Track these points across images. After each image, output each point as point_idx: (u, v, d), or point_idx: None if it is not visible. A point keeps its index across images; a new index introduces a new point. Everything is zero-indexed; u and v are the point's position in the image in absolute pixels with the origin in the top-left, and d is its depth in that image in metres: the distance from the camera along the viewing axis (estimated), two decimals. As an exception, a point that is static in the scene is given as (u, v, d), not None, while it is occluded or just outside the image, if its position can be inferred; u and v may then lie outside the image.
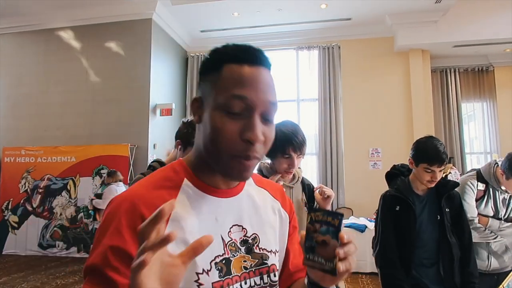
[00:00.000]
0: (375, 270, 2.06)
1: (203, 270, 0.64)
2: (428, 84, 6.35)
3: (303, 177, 1.86)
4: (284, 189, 1.72)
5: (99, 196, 4.96)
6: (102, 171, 5.56)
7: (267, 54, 0.70)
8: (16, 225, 5.81)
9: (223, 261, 0.67)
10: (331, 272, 0.57)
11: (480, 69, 6.77)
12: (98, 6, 5.81)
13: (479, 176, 2.22)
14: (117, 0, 5.65)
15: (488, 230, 2.11)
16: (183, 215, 0.65)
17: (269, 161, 1.86)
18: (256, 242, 0.73)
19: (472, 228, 2.05)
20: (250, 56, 0.67)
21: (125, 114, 5.75)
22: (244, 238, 0.72)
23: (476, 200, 2.17)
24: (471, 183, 2.19)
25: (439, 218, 1.87)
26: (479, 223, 2.13)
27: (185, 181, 0.69)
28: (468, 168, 6.33)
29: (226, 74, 0.65)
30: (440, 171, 1.82)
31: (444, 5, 5.56)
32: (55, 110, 6.06)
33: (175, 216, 0.63)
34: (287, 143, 1.66)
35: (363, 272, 4.77)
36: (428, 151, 1.83)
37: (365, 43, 6.48)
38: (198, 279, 0.63)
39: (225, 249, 0.68)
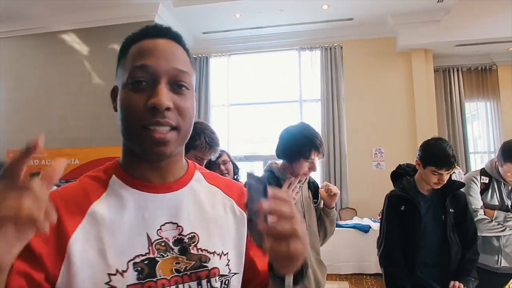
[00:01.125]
0: (380, 271, 2.06)
1: (117, 270, 0.58)
2: (431, 83, 6.33)
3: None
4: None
5: None
6: (105, 173, 5.57)
7: (170, 30, 0.69)
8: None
9: (145, 262, 0.60)
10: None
11: (483, 68, 6.74)
12: (100, 9, 5.83)
13: (483, 171, 2.26)
14: (119, 3, 5.67)
15: (495, 221, 2.10)
16: (104, 211, 0.61)
17: (279, 161, 1.86)
18: (194, 242, 0.65)
19: (476, 220, 2.04)
20: (149, 31, 0.67)
21: (128, 116, 5.75)
22: (179, 237, 0.64)
23: (481, 193, 2.19)
24: (475, 177, 2.23)
25: (443, 218, 1.86)
26: (485, 215, 2.12)
27: (113, 177, 0.67)
28: (472, 168, 6.31)
29: (130, 54, 0.66)
30: (448, 174, 1.81)
31: (447, 4, 5.54)
32: (58, 113, 6.08)
33: (93, 211, 0.61)
34: (311, 146, 1.66)
35: (368, 273, 4.76)
36: (436, 155, 1.82)
37: (367, 43, 6.47)
38: (110, 281, 0.57)
39: (150, 248, 0.61)
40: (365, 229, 4.90)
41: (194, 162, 0.77)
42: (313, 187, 1.90)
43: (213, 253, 0.67)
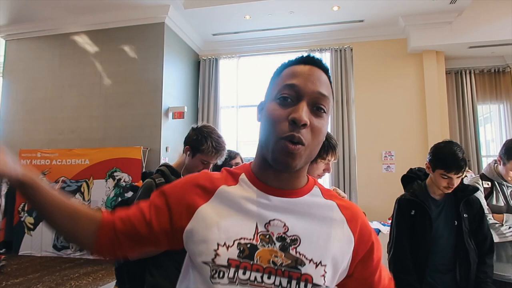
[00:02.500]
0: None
1: (224, 243, 0.69)
2: (443, 85, 6.25)
3: None
4: None
5: None
6: (115, 174, 5.63)
7: (320, 59, 0.78)
8: (31, 227, 5.91)
9: (248, 245, 0.69)
10: None
11: (496, 70, 6.63)
12: (112, 11, 5.90)
13: (483, 176, 2.25)
14: (131, 5, 5.72)
15: (506, 225, 2.06)
16: (228, 194, 0.75)
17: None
18: (295, 244, 0.71)
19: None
20: (304, 58, 0.75)
21: (138, 117, 5.81)
22: (283, 235, 0.71)
23: (485, 198, 2.16)
24: (477, 182, 2.21)
25: (456, 223, 1.82)
26: (494, 219, 2.09)
27: (243, 175, 0.79)
28: (485, 172, 6.19)
29: (283, 74, 0.75)
30: (458, 177, 1.77)
31: (459, 5, 5.47)
32: (70, 114, 6.16)
33: (220, 191, 0.76)
34: (330, 148, 1.64)
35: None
36: (445, 157, 1.78)
37: (378, 45, 6.42)
38: (217, 248, 0.69)
39: (255, 235, 0.70)
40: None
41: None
42: None
43: (310, 260, 0.70)
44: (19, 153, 6.11)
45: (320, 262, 0.71)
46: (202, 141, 1.72)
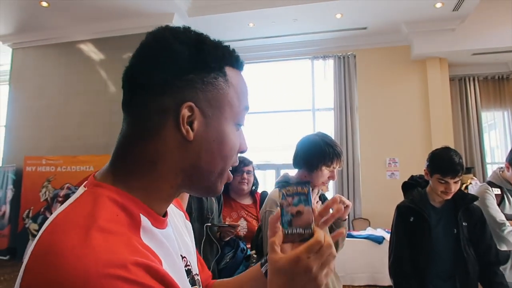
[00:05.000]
0: (394, 283, 2.02)
1: None
2: (447, 93, 6.24)
3: None
4: None
5: None
6: (119, 180, 5.64)
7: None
8: (36, 233, 5.91)
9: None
10: (311, 237, 0.56)
11: (500, 77, 6.62)
12: (117, 20, 5.97)
13: (491, 184, 2.23)
14: (135, 13, 5.79)
15: None
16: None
17: (292, 171, 1.85)
18: (193, 270, 0.65)
19: (506, 233, 1.99)
20: (241, 62, 0.63)
21: (142, 124, 5.84)
22: (187, 269, 0.62)
23: (498, 205, 2.15)
24: (488, 189, 2.19)
25: (455, 231, 1.83)
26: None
27: (142, 217, 0.52)
28: (490, 179, 6.15)
29: (233, 80, 0.58)
30: (455, 182, 1.78)
31: (462, 12, 5.48)
32: (75, 121, 6.21)
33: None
34: (335, 155, 1.65)
35: (382, 285, 4.66)
36: (442, 162, 1.81)
37: (381, 52, 6.44)
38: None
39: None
40: (379, 240, 4.80)
41: None
42: (323, 200, 1.88)
43: (198, 274, 0.67)
44: (25, 159, 6.16)
45: (197, 272, 0.69)
46: None
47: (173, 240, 0.59)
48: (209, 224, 2.08)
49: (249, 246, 2.22)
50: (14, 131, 6.53)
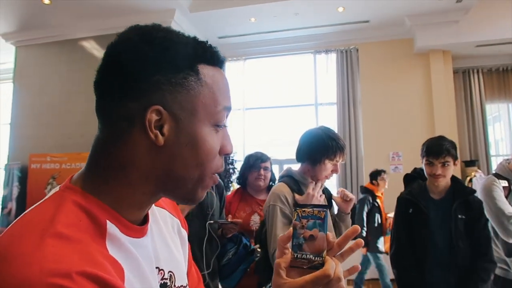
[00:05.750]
0: (397, 275, 2.04)
1: None
2: (450, 85, 6.20)
3: None
4: None
5: None
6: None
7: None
8: (42, 230, 5.98)
9: None
10: (321, 266, 0.53)
11: (504, 69, 6.57)
12: (119, 16, 5.96)
13: (497, 176, 2.22)
14: (137, 10, 5.78)
15: None
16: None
17: (295, 166, 1.85)
18: (172, 281, 0.60)
19: None
20: (218, 57, 0.57)
21: (145, 121, 5.86)
22: (163, 282, 0.58)
23: (506, 197, 2.13)
24: (495, 181, 2.17)
25: (453, 223, 1.86)
26: None
27: (109, 224, 0.50)
28: (494, 171, 6.13)
29: (207, 79, 0.54)
30: (442, 166, 1.83)
31: (466, 4, 5.43)
32: (78, 118, 6.23)
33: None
34: (338, 148, 1.66)
35: (386, 278, 4.67)
36: (427, 144, 1.93)
37: (384, 45, 6.40)
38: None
39: None
40: (383, 234, 4.81)
41: None
42: (326, 193, 1.89)
43: (186, 286, 0.64)
44: (29, 157, 6.19)
45: (187, 283, 0.66)
46: None
47: (148, 250, 0.55)
48: (211, 221, 2.09)
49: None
50: (18, 129, 6.57)
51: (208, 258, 2.01)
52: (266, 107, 7.01)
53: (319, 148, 1.66)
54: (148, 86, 0.50)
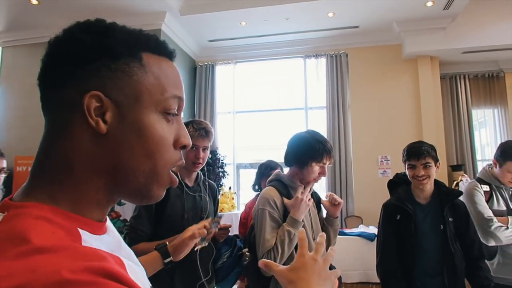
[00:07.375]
0: (386, 279, 2.03)
1: None
2: (438, 91, 6.30)
3: None
4: None
5: None
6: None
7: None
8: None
9: None
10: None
11: (490, 75, 6.70)
12: (108, 18, 5.71)
13: (480, 180, 2.26)
14: (127, 12, 5.75)
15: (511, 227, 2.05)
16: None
17: (284, 170, 1.85)
18: None
19: (493, 229, 2.01)
20: (165, 48, 0.58)
21: (134, 123, 5.80)
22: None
23: (486, 202, 2.16)
24: (476, 186, 2.21)
25: (442, 227, 1.85)
26: (499, 222, 2.08)
27: (80, 230, 0.47)
28: (480, 176, 6.22)
29: (152, 67, 0.54)
30: (424, 167, 1.85)
31: (453, 11, 5.54)
32: (66, 120, 6.16)
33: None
34: (325, 151, 1.66)
35: (374, 282, 4.70)
36: (407, 149, 1.95)
37: (373, 51, 6.47)
38: None
39: None
40: (371, 238, 4.84)
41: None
42: (315, 196, 1.89)
43: None
44: (15, 159, 6.08)
45: None
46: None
47: (110, 247, 0.52)
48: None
49: None
50: (4, 131, 6.46)
51: (205, 263, 1.99)
52: (256, 111, 7.02)
53: (306, 151, 1.66)
54: (86, 73, 0.49)
